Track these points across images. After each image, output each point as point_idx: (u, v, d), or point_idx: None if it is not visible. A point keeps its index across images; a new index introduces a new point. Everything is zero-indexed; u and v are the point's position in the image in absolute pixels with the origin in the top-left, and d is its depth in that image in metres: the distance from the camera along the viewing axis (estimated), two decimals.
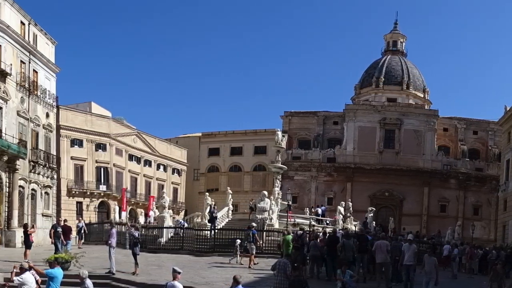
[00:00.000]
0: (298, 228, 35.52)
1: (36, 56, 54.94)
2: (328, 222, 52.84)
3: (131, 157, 78.30)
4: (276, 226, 41.83)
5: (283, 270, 18.36)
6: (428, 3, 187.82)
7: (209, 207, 44.68)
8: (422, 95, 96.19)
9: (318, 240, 28.56)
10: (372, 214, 55.97)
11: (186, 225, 46.44)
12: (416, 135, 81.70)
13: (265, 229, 38.93)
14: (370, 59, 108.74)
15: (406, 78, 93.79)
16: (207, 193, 50.35)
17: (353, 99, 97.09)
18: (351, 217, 54.30)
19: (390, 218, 64.51)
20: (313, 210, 58.28)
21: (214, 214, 43.88)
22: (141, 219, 57.84)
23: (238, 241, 32.90)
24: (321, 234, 31.00)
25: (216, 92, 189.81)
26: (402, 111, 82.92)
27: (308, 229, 37.14)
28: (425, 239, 51.17)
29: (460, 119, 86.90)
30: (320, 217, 54.51)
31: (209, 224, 42.77)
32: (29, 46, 53.34)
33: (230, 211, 51.60)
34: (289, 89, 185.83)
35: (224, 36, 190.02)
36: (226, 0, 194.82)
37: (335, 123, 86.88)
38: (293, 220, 47.05)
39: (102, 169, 71.85)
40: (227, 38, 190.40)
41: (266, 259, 32.73)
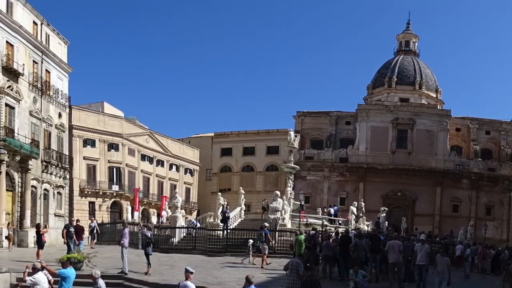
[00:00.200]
0: (311, 228, 35.25)
1: (49, 56, 55.05)
2: (341, 222, 52.64)
3: (144, 157, 78.33)
4: (289, 226, 41.66)
5: (296, 270, 18.30)
6: (441, 3, 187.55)
7: (222, 207, 44.60)
8: (435, 95, 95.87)
9: (331, 240, 28.47)
10: (385, 214, 55.77)
11: (199, 225, 46.24)
12: (429, 135, 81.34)
13: (278, 229, 38.73)
14: (383, 59, 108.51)
15: (419, 78, 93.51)
16: (220, 193, 50.15)
17: (366, 99, 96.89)
18: (364, 217, 54.14)
19: (403, 218, 64.35)
20: (326, 210, 58.14)
21: (227, 214, 43.75)
22: (154, 219, 57.91)
23: (251, 241, 32.74)
24: (334, 234, 30.91)
25: (229, 92, 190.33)
26: (415, 111, 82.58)
27: (321, 229, 36.96)
28: (438, 239, 50.81)
29: (473, 119, 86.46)
30: (333, 217, 54.32)
31: (222, 224, 42.63)
32: (42, 46, 53.44)
33: (243, 211, 51.65)
34: (302, 89, 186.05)
35: (237, 36, 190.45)
36: (239, 0, 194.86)
37: (348, 123, 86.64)
38: (306, 220, 46.94)
39: (115, 169, 71.91)
40: (240, 38, 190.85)
41: (279, 259, 32.61)
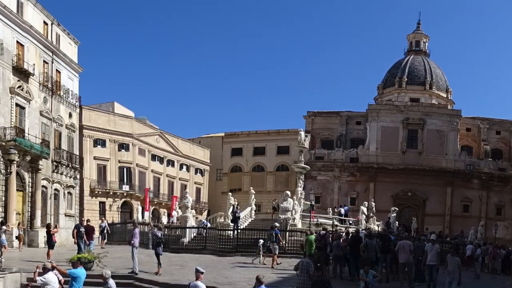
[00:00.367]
0: (321, 228, 35.22)
1: (59, 56, 55.08)
2: (351, 222, 52.66)
3: (154, 157, 78.34)
4: (299, 226, 41.65)
5: (306, 270, 18.34)
6: (451, 3, 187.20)
7: (232, 207, 44.60)
8: (445, 95, 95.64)
9: (341, 240, 28.31)
10: (395, 214, 55.52)
11: (209, 225, 46.28)
12: (439, 135, 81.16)
13: (288, 229, 38.83)
14: (393, 59, 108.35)
15: (429, 78, 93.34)
16: (230, 193, 50.11)
17: (376, 99, 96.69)
18: (374, 217, 53.95)
19: (413, 218, 64.21)
20: (336, 210, 58.15)
21: (237, 214, 43.61)
22: (164, 219, 57.85)
23: (261, 241, 32.75)
24: (344, 234, 31.08)
25: (239, 92, 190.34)
26: (425, 111, 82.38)
27: (331, 229, 36.86)
28: (448, 239, 50.80)
29: (483, 119, 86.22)
30: (343, 217, 54.30)
31: (232, 224, 42.60)
32: (52, 46, 53.47)
33: (253, 211, 51.64)
34: (312, 89, 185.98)
35: (248, 36, 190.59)
36: None
37: (358, 123, 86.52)
38: (316, 220, 46.79)
39: (125, 169, 71.94)
40: (251, 38, 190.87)
41: (289, 259, 32.67)
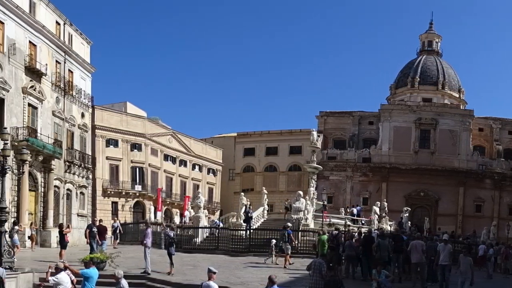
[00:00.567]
0: (334, 228, 35.19)
1: (72, 56, 55.22)
2: (364, 222, 52.60)
3: (167, 157, 78.38)
4: (312, 226, 41.57)
5: (319, 270, 18.39)
6: (463, 3, 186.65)
7: (245, 207, 44.50)
8: (458, 95, 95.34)
9: (354, 240, 28.51)
10: (408, 214, 55.51)
11: (222, 225, 46.33)
12: (452, 135, 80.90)
13: (301, 229, 38.86)
14: (406, 59, 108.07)
15: (442, 78, 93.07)
16: (243, 193, 50.16)
17: (389, 99, 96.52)
18: (387, 217, 54.00)
19: (426, 218, 63.82)
20: (348, 210, 58.11)
21: (250, 214, 43.54)
22: (177, 219, 57.84)
23: (274, 241, 32.73)
24: (357, 234, 31.17)
25: (252, 92, 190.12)
26: (438, 111, 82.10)
27: (344, 229, 36.82)
28: (461, 239, 50.66)
29: (495, 119, 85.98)
30: (356, 217, 54.24)
31: (245, 224, 42.55)
32: (65, 46, 53.62)
33: (266, 211, 51.57)
34: (325, 89, 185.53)
35: (260, 36, 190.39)
36: None
37: (371, 123, 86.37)
38: (329, 220, 46.73)
39: (138, 169, 71.97)
40: (264, 38, 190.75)
41: (302, 259, 32.66)
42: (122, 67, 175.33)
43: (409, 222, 55.40)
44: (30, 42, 47.52)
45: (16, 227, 35.92)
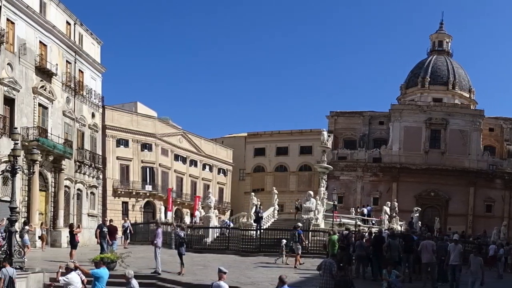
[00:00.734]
0: (344, 228, 35.25)
1: (82, 56, 55.31)
2: (374, 222, 52.44)
3: (177, 157, 78.40)
4: (322, 226, 41.55)
5: (329, 270, 18.39)
6: (474, 3, 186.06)
7: (255, 207, 44.49)
8: (468, 95, 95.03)
9: (364, 240, 28.60)
10: (418, 214, 55.44)
11: (232, 225, 46.29)
12: (462, 135, 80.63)
13: (311, 229, 38.67)
14: (416, 59, 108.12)
15: (452, 78, 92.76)
16: (253, 193, 50.00)
17: (399, 99, 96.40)
18: (397, 217, 53.81)
19: (436, 218, 63.95)
20: (359, 210, 57.95)
21: (260, 214, 43.63)
22: (187, 219, 57.88)
23: (284, 241, 32.60)
24: (367, 234, 31.10)
25: (262, 92, 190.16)
26: (448, 111, 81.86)
27: (354, 229, 36.81)
28: (471, 239, 50.57)
29: (506, 119, 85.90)
30: (366, 217, 54.16)
31: (255, 224, 42.52)
32: (75, 46, 53.72)
33: (276, 211, 51.47)
34: (335, 89, 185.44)
35: (271, 36, 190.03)
36: None
37: (381, 123, 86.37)
38: (339, 220, 46.79)
39: (148, 169, 72.04)
40: (274, 38, 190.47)
41: (312, 259, 32.53)
42: (133, 67, 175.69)
43: (420, 222, 55.23)
44: (41, 42, 47.59)
45: (27, 227, 36.02)
